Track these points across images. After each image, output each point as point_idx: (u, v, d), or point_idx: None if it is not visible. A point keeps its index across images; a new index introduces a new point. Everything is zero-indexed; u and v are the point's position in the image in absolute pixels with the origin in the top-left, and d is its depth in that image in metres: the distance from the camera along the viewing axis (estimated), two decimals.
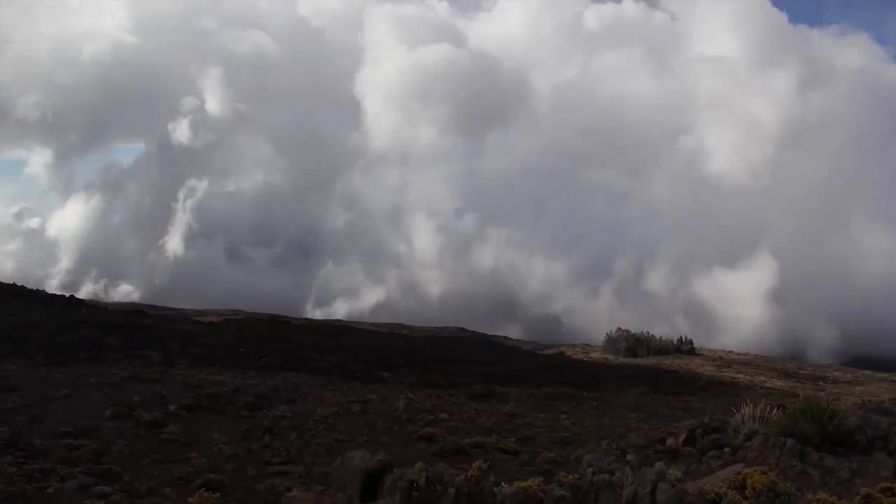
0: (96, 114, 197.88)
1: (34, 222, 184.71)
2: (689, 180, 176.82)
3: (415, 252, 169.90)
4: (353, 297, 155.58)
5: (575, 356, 69.14)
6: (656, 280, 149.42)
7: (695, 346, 76.64)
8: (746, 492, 7.84)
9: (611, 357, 70.09)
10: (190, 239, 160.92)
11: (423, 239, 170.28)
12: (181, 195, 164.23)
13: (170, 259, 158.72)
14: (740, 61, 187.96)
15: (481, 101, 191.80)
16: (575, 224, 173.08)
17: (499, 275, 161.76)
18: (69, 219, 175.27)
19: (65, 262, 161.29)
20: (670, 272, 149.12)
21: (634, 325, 78.45)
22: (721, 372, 60.74)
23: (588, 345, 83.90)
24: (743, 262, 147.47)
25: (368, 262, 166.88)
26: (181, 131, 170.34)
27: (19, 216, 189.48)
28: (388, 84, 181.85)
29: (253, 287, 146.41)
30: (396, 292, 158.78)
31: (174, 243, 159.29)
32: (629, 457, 12.51)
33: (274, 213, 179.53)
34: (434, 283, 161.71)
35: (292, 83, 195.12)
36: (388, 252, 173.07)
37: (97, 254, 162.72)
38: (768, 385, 53.47)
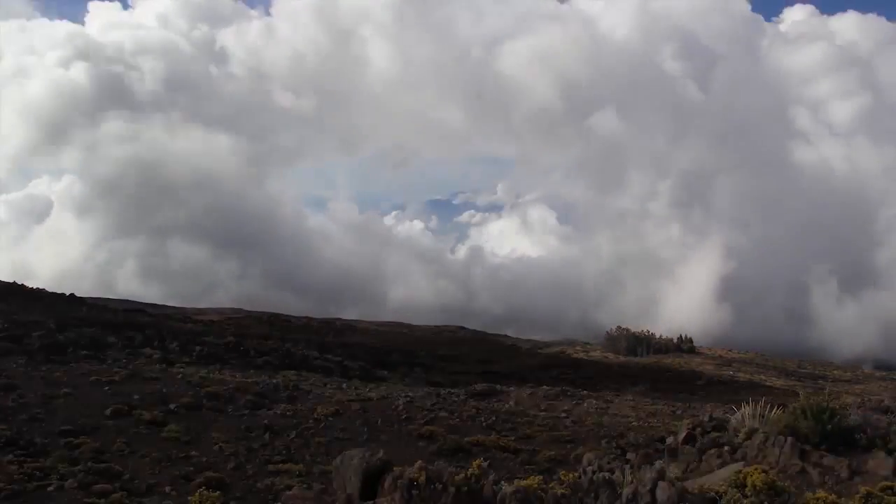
0: None
1: None
2: None
3: None
4: None
5: (575, 355, 69.14)
6: None
7: (695, 344, 76.68)
8: (746, 490, 7.84)
9: (611, 356, 70.12)
10: None
11: None
12: None
13: None
14: None
15: None
16: None
17: None
18: None
19: None
20: None
21: None
22: (721, 370, 60.80)
23: (588, 343, 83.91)
24: None
25: None
26: None
27: None
28: None
29: None
30: None
31: None
32: (629, 455, 12.52)
33: None
34: None
35: None
36: None
37: None
38: (768, 383, 53.50)
